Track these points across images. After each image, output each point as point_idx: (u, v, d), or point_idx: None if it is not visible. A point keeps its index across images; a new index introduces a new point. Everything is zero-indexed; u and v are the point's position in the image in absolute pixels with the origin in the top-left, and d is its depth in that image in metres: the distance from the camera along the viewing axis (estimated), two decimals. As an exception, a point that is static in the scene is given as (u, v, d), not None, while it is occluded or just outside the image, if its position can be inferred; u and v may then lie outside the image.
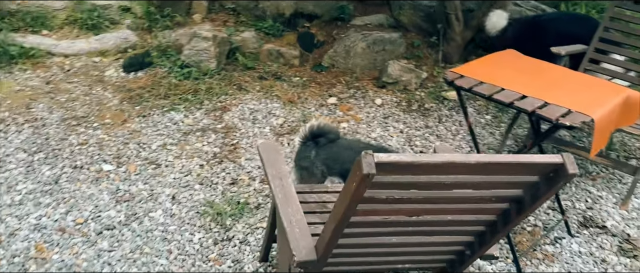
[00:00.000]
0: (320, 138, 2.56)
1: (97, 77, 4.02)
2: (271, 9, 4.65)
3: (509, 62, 2.77)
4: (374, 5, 4.98)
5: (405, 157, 1.22)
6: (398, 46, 4.59)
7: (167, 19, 4.53)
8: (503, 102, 2.33)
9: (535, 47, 3.95)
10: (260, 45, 4.49)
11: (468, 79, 2.51)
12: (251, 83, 4.21)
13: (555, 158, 1.27)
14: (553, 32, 3.87)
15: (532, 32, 4.05)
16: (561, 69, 2.85)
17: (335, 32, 4.72)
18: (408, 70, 4.35)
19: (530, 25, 4.16)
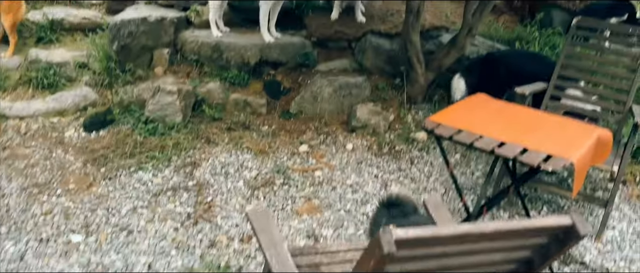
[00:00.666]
0: (394, 209, 2.44)
1: (56, 139, 3.83)
2: (236, 59, 4.62)
3: (482, 107, 2.84)
4: (337, 50, 5.04)
5: (426, 231, 1.19)
6: (363, 89, 4.64)
7: (128, 73, 4.41)
8: (484, 150, 2.37)
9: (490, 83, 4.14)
10: (227, 95, 4.44)
11: (446, 127, 2.54)
12: (220, 135, 4.13)
13: (565, 220, 1.28)
14: (505, 69, 4.05)
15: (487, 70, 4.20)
16: (532, 112, 2.95)
17: (301, 78, 4.73)
18: (376, 113, 4.39)
19: (483, 63, 4.31)
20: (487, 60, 4.30)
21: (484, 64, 4.26)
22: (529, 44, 4.85)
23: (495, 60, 4.27)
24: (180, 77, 4.56)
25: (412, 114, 4.55)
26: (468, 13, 4.28)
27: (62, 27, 4.93)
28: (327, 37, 5.03)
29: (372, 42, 4.88)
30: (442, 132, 2.52)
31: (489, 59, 4.32)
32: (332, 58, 4.99)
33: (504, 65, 4.18)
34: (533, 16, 5.32)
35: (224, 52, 4.60)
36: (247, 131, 4.21)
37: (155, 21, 4.60)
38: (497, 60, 4.29)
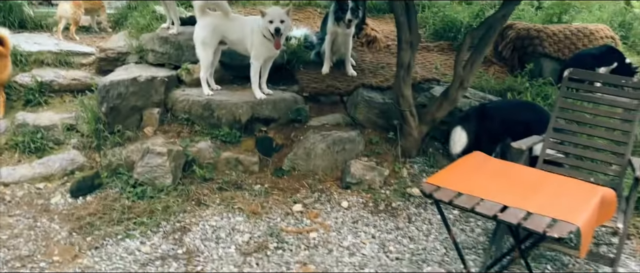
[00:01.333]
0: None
1: (42, 207, 3.70)
2: (227, 116, 4.56)
3: (480, 168, 2.76)
4: (329, 105, 5.01)
5: None
6: (357, 144, 4.58)
7: (117, 135, 4.33)
8: (486, 215, 2.28)
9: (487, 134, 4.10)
10: (218, 154, 4.35)
11: (446, 190, 2.46)
12: (210, 196, 4.02)
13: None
14: (500, 119, 4.02)
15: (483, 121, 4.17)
16: (532, 172, 2.88)
17: (294, 134, 4.67)
18: (370, 169, 4.31)
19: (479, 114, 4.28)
20: (482, 112, 4.27)
21: (480, 115, 4.22)
22: (521, 94, 4.84)
23: (491, 111, 4.24)
24: (171, 136, 4.48)
25: (407, 168, 4.48)
26: (459, 65, 4.28)
27: (51, 89, 4.88)
28: (318, 92, 5.01)
29: (364, 95, 4.86)
30: (441, 196, 2.43)
31: (485, 110, 4.29)
32: (325, 113, 4.95)
33: (499, 116, 4.15)
34: (523, 66, 5.34)
35: (215, 110, 4.55)
36: (239, 191, 4.11)
37: (146, 81, 4.57)
38: (492, 110, 4.26)
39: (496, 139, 4.03)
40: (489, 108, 4.35)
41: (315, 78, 5.17)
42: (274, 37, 4.28)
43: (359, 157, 4.54)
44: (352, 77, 5.22)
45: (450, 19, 6.36)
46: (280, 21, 4.23)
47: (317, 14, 7.05)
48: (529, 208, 2.26)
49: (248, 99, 4.66)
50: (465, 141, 4.12)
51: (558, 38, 5.44)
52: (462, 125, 4.19)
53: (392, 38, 6.38)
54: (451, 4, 6.81)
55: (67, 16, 5.86)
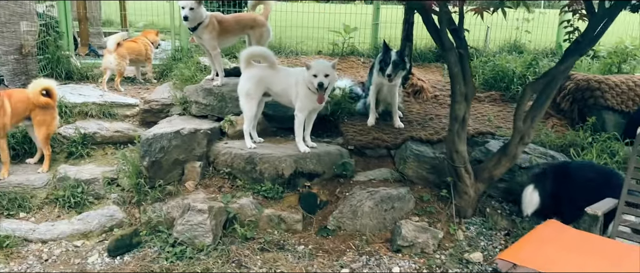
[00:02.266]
0: None
1: (78, 267, 3.54)
2: (270, 171, 4.37)
3: (557, 239, 2.45)
4: (376, 159, 4.77)
5: None
6: (407, 202, 4.29)
7: (158, 189, 4.20)
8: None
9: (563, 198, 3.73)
10: (260, 211, 4.14)
11: (523, 269, 2.14)
12: (252, 257, 3.78)
13: None
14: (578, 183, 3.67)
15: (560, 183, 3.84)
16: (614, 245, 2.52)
17: (339, 190, 4.43)
18: (423, 230, 4.00)
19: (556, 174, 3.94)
20: (559, 172, 3.93)
21: (557, 176, 3.89)
22: (585, 151, 4.48)
23: (569, 172, 3.89)
24: (212, 191, 4.32)
25: (462, 230, 4.14)
26: (519, 119, 3.99)
27: (94, 141, 4.85)
28: (364, 145, 4.79)
29: (413, 149, 4.60)
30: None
31: (562, 171, 3.95)
32: (371, 167, 4.71)
33: (578, 179, 3.79)
34: (583, 119, 4.98)
35: (257, 164, 4.38)
36: (281, 252, 3.86)
37: (189, 134, 4.46)
38: (571, 172, 3.91)
39: (576, 204, 3.65)
40: (568, 169, 3.99)
41: (360, 130, 4.97)
42: (317, 91, 4.12)
43: (409, 216, 4.25)
44: (400, 129, 4.99)
45: (501, 68, 6.09)
46: (325, 75, 4.07)
47: (360, 63, 6.92)
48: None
49: (291, 152, 4.48)
50: (537, 202, 3.79)
51: (621, 89, 5.08)
52: (535, 183, 3.86)
53: (439, 88, 6.16)
54: (501, 54, 6.57)
55: (112, 67, 5.91)
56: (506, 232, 4.14)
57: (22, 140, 4.66)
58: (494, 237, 4.09)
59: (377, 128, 5.04)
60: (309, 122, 4.55)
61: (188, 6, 4.69)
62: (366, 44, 7.47)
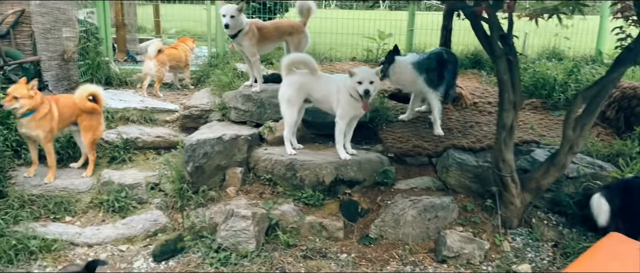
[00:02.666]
0: None
1: (124, 271, 3.56)
2: (310, 178, 4.35)
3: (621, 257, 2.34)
4: (417, 167, 4.71)
5: None
6: (451, 212, 4.21)
7: (201, 195, 4.21)
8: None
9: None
10: (302, 218, 4.11)
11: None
12: (295, 264, 3.75)
13: None
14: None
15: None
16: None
17: (380, 198, 4.38)
18: (468, 241, 3.92)
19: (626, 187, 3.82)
20: (627, 186, 3.82)
21: (625, 190, 3.78)
22: (635, 161, 4.33)
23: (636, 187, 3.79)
24: (253, 197, 4.31)
25: (508, 241, 4.04)
26: (568, 128, 3.89)
27: (136, 146, 4.90)
28: (404, 153, 4.73)
29: (455, 157, 4.52)
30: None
31: (630, 185, 3.84)
32: (412, 175, 4.64)
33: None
34: (630, 128, 4.84)
35: (298, 170, 4.36)
36: (324, 260, 3.82)
37: (230, 140, 4.48)
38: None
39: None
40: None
41: (400, 137, 4.91)
42: (362, 98, 4.09)
43: (453, 226, 4.17)
44: (440, 137, 4.92)
45: (542, 75, 5.97)
46: (370, 82, 4.04)
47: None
48: None
49: (332, 159, 4.45)
50: (607, 210, 3.67)
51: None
52: (602, 192, 3.76)
53: (477, 95, 6.06)
54: (540, 61, 6.44)
55: (152, 73, 5.99)
56: (554, 244, 4.03)
57: (67, 144, 4.73)
58: (541, 249, 3.99)
59: (418, 135, 4.98)
60: (349, 129, 4.52)
61: (229, 14, 4.71)
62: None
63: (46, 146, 4.30)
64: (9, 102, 3.98)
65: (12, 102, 3.97)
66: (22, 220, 3.84)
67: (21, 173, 4.37)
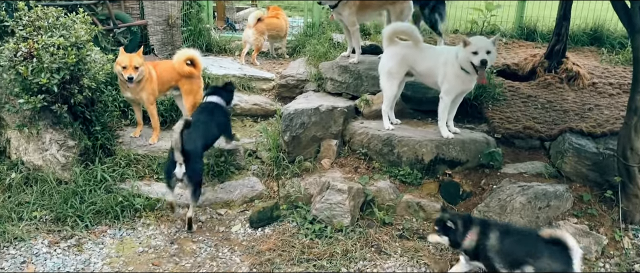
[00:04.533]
0: None
1: (223, 235, 3.61)
2: (408, 155, 4.15)
3: None
4: (527, 150, 4.34)
5: None
6: (564, 201, 3.83)
7: (296, 165, 4.16)
8: None
9: None
10: (398, 196, 3.94)
11: None
12: (391, 243, 3.61)
13: None
14: None
15: None
16: None
17: (484, 181, 4.09)
18: (584, 234, 3.55)
19: None
20: None
21: None
22: None
23: None
24: (348, 171, 4.20)
25: (629, 237, 3.61)
26: None
27: (234, 113, 4.94)
28: (513, 134, 4.37)
29: (572, 142, 4.10)
30: None
31: None
32: (521, 159, 4.29)
33: None
34: None
35: (395, 146, 4.17)
36: (421, 241, 3.64)
37: (326, 111, 4.37)
38: None
39: None
40: None
41: (508, 117, 4.55)
42: (477, 70, 3.79)
43: (566, 217, 3.80)
44: (554, 119, 4.49)
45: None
46: (487, 52, 3.72)
47: (501, 44, 6.38)
48: None
49: (432, 136, 4.21)
50: None
51: None
52: None
53: (597, 74, 5.48)
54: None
55: (251, 42, 6.01)
56: (686, 246, 3.55)
57: (170, 107, 4.87)
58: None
59: (528, 116, 4.59)
60: (454, 106, 4.24)
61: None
62: (509, 22, 6.87)
63: (149, 108, 4.43)
64: (134, 72, 4.06)
65: (136, 72, 4.07)
66: (127, 178, 4.00)
67: (127, 133, 4.56)
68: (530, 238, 2.97)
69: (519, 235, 3.03)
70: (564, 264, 2.79)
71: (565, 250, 2.81)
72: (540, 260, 2.86)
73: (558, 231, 2.94)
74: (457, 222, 3.09)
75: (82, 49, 3.80)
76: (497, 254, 2.98)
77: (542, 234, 2.94)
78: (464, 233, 3.07)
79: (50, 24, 3.83)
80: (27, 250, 3.33)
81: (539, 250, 2.89)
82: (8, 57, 3.72)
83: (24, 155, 3.96)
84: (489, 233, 3.04)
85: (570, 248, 2.80)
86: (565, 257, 2.80)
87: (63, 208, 3.62)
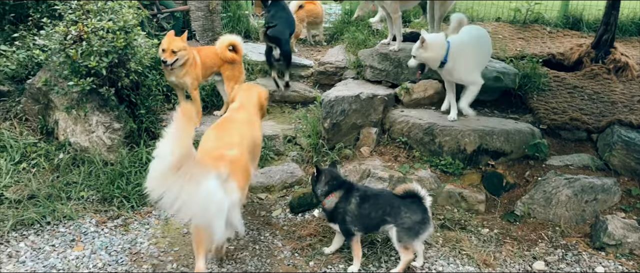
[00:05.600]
0: None
1: (264, 219, 3.64)
2: (450, 144, 4.09)
3: None
4: (573, 142, 4.23)
5: None
6: (612, 195, 3.73)
7: (335, 152, 4.16)
8: None
9: None
10: (440, 186, 3.90)
11: None
12: (432, 234, 3.56)
13: None
14: None
15: None
16: None
17: (529, 173, 4.01)
18: (632, 229, 3.45)
19: None
20: None
21: None
22: None
23: None
24: (387, 160, 4.17)
25: (682, 235, 3.49)
26: None
27: (273, 99, 4.96)
28: (559, 126, 4.27)
29: (621, 135, 3.98)
30: None
31: None
32: (567, 151, 4.18)
33: None
34: None
35: (437, 136, 4.12)
36: (464, 232, 3.59)
37: (366, 99, 4.34)
38: None
39: None
40: None
41: (554, 108, 4.43)
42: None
43: (614, 211, 3.70)
44: (602, 111, 4.35)
45: None
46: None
47: (546, 33, 6.20)
48: None
49: (475, 126, 4.14)
50: None
51: None
52: None
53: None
54: None
55: (290, 28, 5.99)
56: None
57: (211, 93, 4.92)
58: None
59: (575, 107, 4.46)
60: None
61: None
62: (554, 11, 6.67)
63: (193, 93, 4.48)
64: (170, 57, 4.11)
65: (172, 56, 4.11)
66: (171, 160, 4.06)
67: (171, 117, 4.61)
68: (386, 199, 3.15)
69: (375, 198, 3.16)
70: (421, 213, 3.06)
71: (420, 200, 3.09)
72: (399, 216, 3.07)
73: (409, 184, 3.20)
74: (322, 175, 3.18)
75: (130, 33, 3.86)
76: (355, 218, 3.10)
77: (396, 191, 3.17)
78: (327, 191, 3.15)
79: (98, 8, 3.90)
80: (75, 228, 3.43)
81: (396, 207, 3.09)
82: (58, 40, 3.81)
83: (72, 136, 4.06)
84: (350, 198, 3.13)
85: (423, 197, 3.09)
86: (422, 207, 3.08)
87: (109, 189, 3.71)
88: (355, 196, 3.14)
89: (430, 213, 3.12)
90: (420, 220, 3.06)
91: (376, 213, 3.10)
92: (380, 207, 3.11)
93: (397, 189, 3.19)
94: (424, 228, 3.07)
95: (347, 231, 3.13)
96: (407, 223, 3.05)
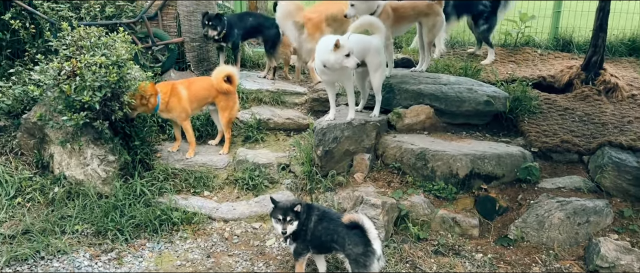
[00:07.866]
0: None
1: (258, 249, 3.65)
2: (442, 169, 4.11)
3: None
4: (565, 165, 4.25)
5: None
6: (604, 217, 3.75)
7: (329, 179, 4.18)
8: None
9: None
10: (433, 211, 3.91)
11: None
12: (426, 259, 3.58)
13: None
14: None
15: None
16: None
17: (521, 196, 4.02)
18: (625, 251, 3.45)
19: None
20: None
21: None
22: None
23: None
24: (381, 185, 4.19)
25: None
26: None
27: (268, 127, 5.01)
28: (551, 148, 4.30)
29: (612, 157, 4.01)
30: None
31: None
32: (559, 173, 4.21)
33: None
34: None
35: (429, 160, 4.14)
36: (457, 258, 3.60)
37: (359, 125, 4.37)
38: None
39: None
40: None
41: (545, 131, 4.47)
42: None
43: (606, 233, 3.71)
44: (593, 133, 4.39)
45: None
46: None
47: (536, 55, 6.28)
48: None
49: (467, 150, 4.18)
50: None
51: None
52: None
53: (636, 86, 5.34)
54: None
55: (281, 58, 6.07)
56: None
57: (206, 122, 4.97)
58: None
59: (566, 129, 4.50)
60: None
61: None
62: (544, 33, 6.76)
63: (183, 125, 4.55)
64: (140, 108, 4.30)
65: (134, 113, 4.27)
66: (165, 191, 4.09)
67: (165, 147, 4.67)
68: (335, 224, 3.13)
69: (328, 221, 3.16)
70: (364, 245, 2.99)
71: (364, 233, 3.01)
72: (343, 245, 3.06)
73: (355, 215, 3.12)
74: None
75: (123, 67, 3.92)
76: (312, 238, 3.14)
77: (343, 220, 3.12)
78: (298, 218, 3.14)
79: (92, 44, 3.97)
80: (69, 262, 3.43)
81: (342, 236, 3.07)
82: (52, 75, 3.87)
83: (67, 169, 4.10)
84: (311, 216, 3.17)
85: (367, 230, 3.00)
86: (365, 239, 3.00)
87: (104, 222, 3.72)
88: (314, 215, 3.19)
89: (377, 247, 3.00)
90: (362, 252, 2.99)
91: (326, 237, 3.13)
92: (329, 231, 3.12)
93: (344, 218, 3.13)
94: (369, 261, 2.97)
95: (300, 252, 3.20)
96: (352, 255, 3.03)
